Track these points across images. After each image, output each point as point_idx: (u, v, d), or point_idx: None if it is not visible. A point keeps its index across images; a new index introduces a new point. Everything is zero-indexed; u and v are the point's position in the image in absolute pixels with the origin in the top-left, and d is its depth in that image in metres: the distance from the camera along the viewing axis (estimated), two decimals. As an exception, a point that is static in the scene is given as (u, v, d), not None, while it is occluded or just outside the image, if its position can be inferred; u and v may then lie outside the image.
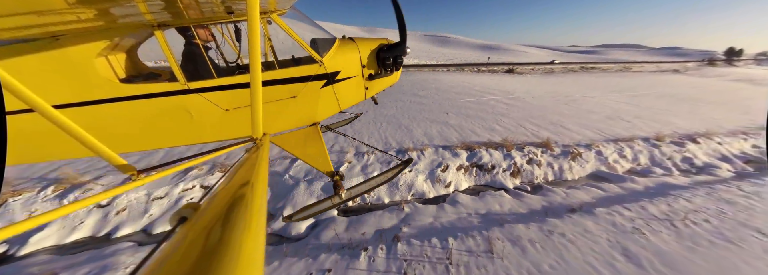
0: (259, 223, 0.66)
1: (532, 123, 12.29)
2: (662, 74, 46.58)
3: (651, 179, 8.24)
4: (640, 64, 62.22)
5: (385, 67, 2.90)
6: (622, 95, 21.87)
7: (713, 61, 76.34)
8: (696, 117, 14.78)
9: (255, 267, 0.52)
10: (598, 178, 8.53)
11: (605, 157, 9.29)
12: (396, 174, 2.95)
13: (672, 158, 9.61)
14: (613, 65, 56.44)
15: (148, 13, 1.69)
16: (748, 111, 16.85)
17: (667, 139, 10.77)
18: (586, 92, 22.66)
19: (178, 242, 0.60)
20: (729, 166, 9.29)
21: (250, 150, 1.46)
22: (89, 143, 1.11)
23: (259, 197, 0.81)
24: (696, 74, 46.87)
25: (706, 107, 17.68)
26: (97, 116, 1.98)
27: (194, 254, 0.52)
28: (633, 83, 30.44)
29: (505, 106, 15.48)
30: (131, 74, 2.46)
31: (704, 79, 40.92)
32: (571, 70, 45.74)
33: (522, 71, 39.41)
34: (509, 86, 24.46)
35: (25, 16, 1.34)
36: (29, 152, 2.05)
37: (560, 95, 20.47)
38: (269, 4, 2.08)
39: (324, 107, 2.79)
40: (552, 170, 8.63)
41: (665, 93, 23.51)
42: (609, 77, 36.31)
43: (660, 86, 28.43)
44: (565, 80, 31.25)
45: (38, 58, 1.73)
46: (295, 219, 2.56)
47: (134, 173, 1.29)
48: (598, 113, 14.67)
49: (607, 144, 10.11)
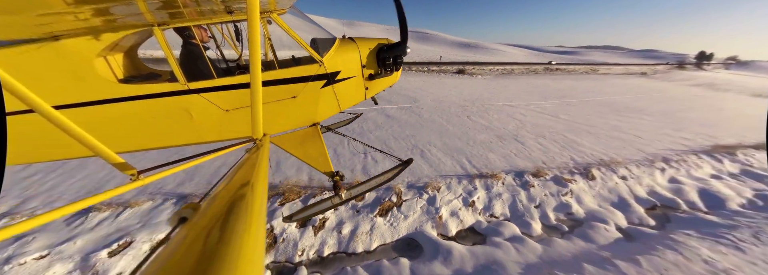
0: (259, 223, 0.66)
1: (386, 147, 9.08)
2: (627, 77, 45.39)
3: (484, 250, 5.11)
4: (609, 66, 60.45)
5: (385, 68, 2.92)
6: (553, 102, 19.55)
7: (683, 64, 76.97)
8: (615, 136, 11.84)
9: (255, 267, 0.52)
10: (407, 247, 5.34)
11: (438, 206, 6.12)
12: (396, 174, 2.93)
13: (543, 205, 6.55)
14: (580, 67, 55.33)
15: (148, 13, 1.70)
16: (683, 127, 14.33)
17: (548, 173, 7.76)
18: (517, 98, 20.16)
19: (178, 242, 0.60)
20: (621, 218, 6.36)
21: (250, 150, 1.48)
22: (89, 143, 1.11)
23: (259, 197, 0.82)
24: (661, 78, 45.94)
25: (639, 121, 15.12)
26: (97, 117, 1.98)
27: (194, 254, 0.52)
28: (582, 88, 28.41)
29: (382, 120, 12.09)
30: (131, 74, 2.49)
31: (666, 83, 40.15)
32: (534, 71, 44.09)
33: (477, 71, 36.70)
34: (434, 89, 21.76)
35: (25, 16, 1.37)
36: (29, 152, 2.07)
37: (480, 102, 17.55)
38: (269, 4, 2.12)
39: (324, 107, 2.79)
40: (338, 235, 5.38)
41: (604, 102, 21.06)
42: (564, 81, 34.47)
43: (606, 93, 26.26)
44: (511, 83, 28.80)
45: (38, 59, 1.74)
46: (296, 218, 2.57)
47: (135, 173, 1.28)
48: (492, 131, 11.52)
49: (459, 183, 7.00)
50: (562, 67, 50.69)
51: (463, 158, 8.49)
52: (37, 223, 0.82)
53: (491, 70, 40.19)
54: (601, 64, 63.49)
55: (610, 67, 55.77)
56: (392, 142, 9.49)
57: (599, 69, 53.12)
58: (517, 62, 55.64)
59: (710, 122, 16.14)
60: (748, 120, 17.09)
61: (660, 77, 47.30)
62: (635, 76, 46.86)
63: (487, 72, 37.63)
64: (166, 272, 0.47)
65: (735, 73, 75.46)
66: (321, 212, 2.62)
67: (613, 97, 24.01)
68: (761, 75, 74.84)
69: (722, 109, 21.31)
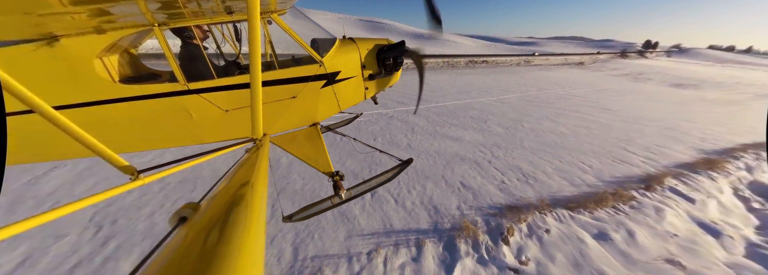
0: (259, 223, 0.66)
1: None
2: (559, 68, 42.50)
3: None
4: (547, 57, 53.84)
5: (385, 68, 2.93)
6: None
7: (626, 53, 74.90)
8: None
9: (255, 267, 0.52)
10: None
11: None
12: (396, 174, 2.94)
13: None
14: (514, 58, 49.46)
15: (148, 13, 1.70)
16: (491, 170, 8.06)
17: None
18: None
19: (178, 242, 0.60)
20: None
21: (250, 150, 1.49)
22: (89, 143, 1.11)
23: (259, 197, 0.81)
24: (595, 68, 43.19)
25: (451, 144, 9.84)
26: (97, 117, 1.98)
27: (194, 254, 0.52)
28: (474, 85, 23.70)
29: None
30: (131, 74, 2.50)
31: (595, 73, 37.59)
32: (454, 65, 39.92)
33: (412, 65, 32.60)
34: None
35: (24, 17, 1.36)
36: (29, 153, 2.08)
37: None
38: (269, 4, 2.12)
39: (324, 107, 2.79)
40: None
41: (463, 106, 15.82)
42: (476, 76, 30.50)
43: (500, 90, 21.68)
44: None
45: (38, 59, 1.74)
46: (296, 218, 2.55)
47: (135, 173, 1.28)
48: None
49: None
50: (491, 60, 45.98)
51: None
52: (37, 223, 0.82)
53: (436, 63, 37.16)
54: (540, 55, 56.49)
55: (547, 58, 50.89)
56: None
57: (533, 60, 49.23)
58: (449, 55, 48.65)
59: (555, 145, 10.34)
60: (619, 133, 12.23)
61: (596, 67, 44.70)
62: (570, 66, 43.93)
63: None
64: (166, 271, 0.47)
65: (675, 60, 75.76)
66: (321, 212, 2.60)
67: (498, 96, 19.14)
68: (694, 61, 76.46)
69: (609, 110, 16.72)
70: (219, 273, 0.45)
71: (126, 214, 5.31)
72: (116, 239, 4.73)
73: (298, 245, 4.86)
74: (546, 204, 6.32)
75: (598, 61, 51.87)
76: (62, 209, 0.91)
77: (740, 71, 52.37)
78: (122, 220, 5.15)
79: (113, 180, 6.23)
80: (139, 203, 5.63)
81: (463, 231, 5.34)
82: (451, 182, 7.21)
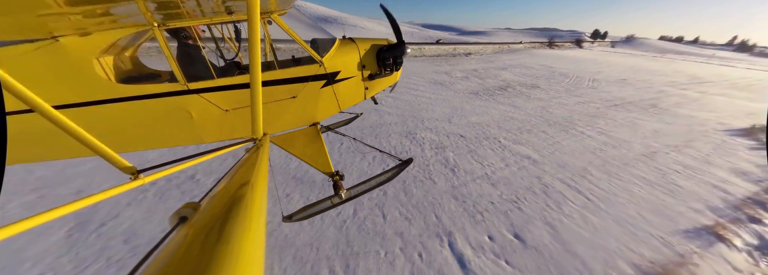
0: (259, 223, 0.66)
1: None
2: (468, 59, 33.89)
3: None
4: (467, 45, 43.88)
5: (385, 68, 2.94)
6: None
7: (553, 42, 64.76)
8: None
9: (255, 267, 0.52)
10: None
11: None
12: (396, 174, 2.95)
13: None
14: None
15: (148, 13, 1.70)
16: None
17: None
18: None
19: (178, 242, 0.60)
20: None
21: (250, 150, 1.47)
22: (89, 143, 1.10)
23: (259, 197, 0.81)
24: (469, 60, 33.26)
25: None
26: (97, 117, 1.98)
27: (194, 254, 0.52)
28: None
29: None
30: (131, 74, 2.52)
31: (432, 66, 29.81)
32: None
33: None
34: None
35: (24, 17, 1.36)
36: (29, 152, 2.08)
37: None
38: (269, 4, 2.12)
39: (324, 107, 2.81)
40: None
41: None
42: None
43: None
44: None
45: (38, 59, 1.74)
46: (296, 218, 2.56)
47: (135, 173, 1.27)
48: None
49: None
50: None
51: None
52: (37, 222, 0.81)
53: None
54: (461, 44, 44.77)
55: (466, 47, 41.47)
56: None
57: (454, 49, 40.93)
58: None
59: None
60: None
61: (483, 58, 35.17)
62: (458, 57, 35.31)
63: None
64: (165, 271, 0.47)
65: (617, 50, 72.04)
66: (321, 212, 2.60)
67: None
68: (637, 52, 72.50)
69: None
70: (218, 272, 0.45)
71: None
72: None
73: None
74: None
75: (507, 51, 43.30)
76: (63, 208, 0.89)
77: (651, 62, 45.17)
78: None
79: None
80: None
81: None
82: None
